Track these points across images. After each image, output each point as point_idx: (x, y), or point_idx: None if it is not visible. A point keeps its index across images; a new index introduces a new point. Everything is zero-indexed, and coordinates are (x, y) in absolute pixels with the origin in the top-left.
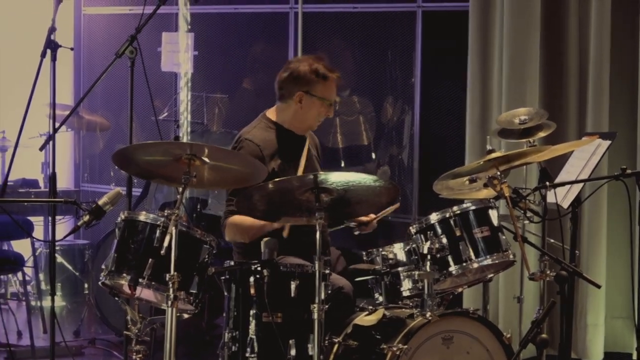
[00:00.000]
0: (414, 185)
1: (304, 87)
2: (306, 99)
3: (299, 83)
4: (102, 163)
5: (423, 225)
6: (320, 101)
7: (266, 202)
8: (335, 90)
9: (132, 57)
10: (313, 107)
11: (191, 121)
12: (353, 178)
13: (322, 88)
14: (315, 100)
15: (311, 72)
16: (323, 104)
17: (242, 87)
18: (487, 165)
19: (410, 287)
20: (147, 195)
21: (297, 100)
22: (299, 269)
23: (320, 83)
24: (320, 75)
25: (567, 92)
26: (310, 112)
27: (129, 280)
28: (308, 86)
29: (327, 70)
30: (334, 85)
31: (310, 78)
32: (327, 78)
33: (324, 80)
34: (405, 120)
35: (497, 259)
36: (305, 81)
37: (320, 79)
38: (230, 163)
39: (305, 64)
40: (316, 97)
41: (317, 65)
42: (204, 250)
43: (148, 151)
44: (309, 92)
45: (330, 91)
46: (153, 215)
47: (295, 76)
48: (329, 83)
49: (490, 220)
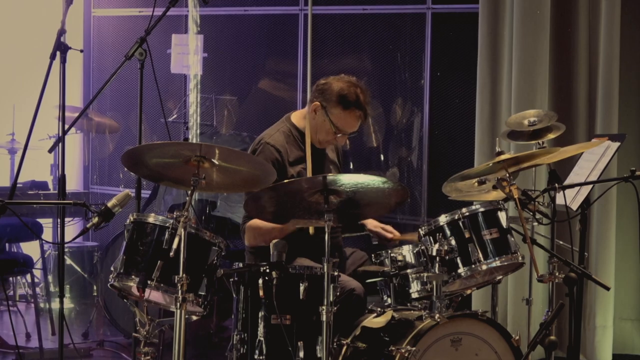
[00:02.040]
0: (423, 187)
1: (324, 101)
2: (320, 113)
3: (323, 95)
4: (111, 165)
5: (432, 227)
6: (331, 125)
7: (275, 203)
8: (354, 125)
9: (142, 59)
10: (323, 126)
11: (201, 123)
12: (362, 180)
13: (339, 114)
14: (327, 121)
15: (338, 93)
16: (331, 130)
17: (255, 88)
18: (496, 167)
19: (419, 289)
20: (156, 198)
21: (313, 108)
22: (308, 270)
23: (338, 108)
24: (343, 101)
25: (577, 94)
26: (320, 127)
27: (137, 282)
28: (327, 103)
29: (354, 102)
30: (352, 119)
31: (333, 98)
32: (348, 108)
33: (344, 109)
34: (414, 122)
35: (506, 260)
36: (328, 97)
37: (341, 105)
38: (240, 165)
39: (340, 84)
40: (328, 119)
41: (348, 92)
42: (212, 252)
43: (157, 152)
44: (325, 109)
45: (344, 121)
46: (162, 217)
47: (325, 88)
48: (348, 114)
49: (500, 222)
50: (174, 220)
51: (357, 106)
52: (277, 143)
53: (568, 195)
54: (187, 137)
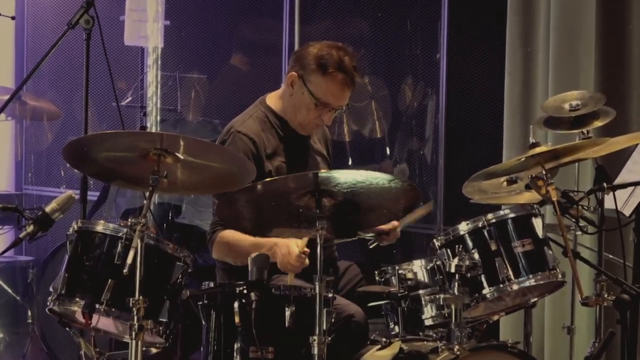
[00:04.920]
0: (439, 187)
1: (301, 69)
2: (297, 86)
3: (299, 62)
4: (51, 160)
5: (450, 237)
6: (310, 97)
7: (254, 208)
8: (338, 94)
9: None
10: (302, 101)
11: (161, 107)
12: (363, 178)
13: (318, 81)
14: (306, 93)
15: (316, 57)
16: (312, 103)
17: (229, 66)
18: (529, 163)
19: (433, 315)
20: (107, 201)
21: (290, 82)
22: (296, 291)
23: (317, 74)
24: (321, 65)
25: (630, 72)
26: (299, 104)
27: (83, 306)
28: (304, 70)
29: (334, 64)
30: (334, 86)
31: (311, 63)
32: (326, 72)
33: (323, 74)
34: (427, 107)
35: (542, 279)
36: (305, 63)
37: (320, 69)
38: (211, 160)
39: (319, 46)
40: (307, 89)
41: (328, 53)
42: (176, 268)
43: (108, 144)
44: (302, 78)
45: (325, 89)
46: (113, 225)
47: (301, 54)
48: (328, 79)
49: (534, 230)
50: (128, 228)
51: (339, 68)
52: (250, 131)
53: (619, 197)
54: (144, 125)
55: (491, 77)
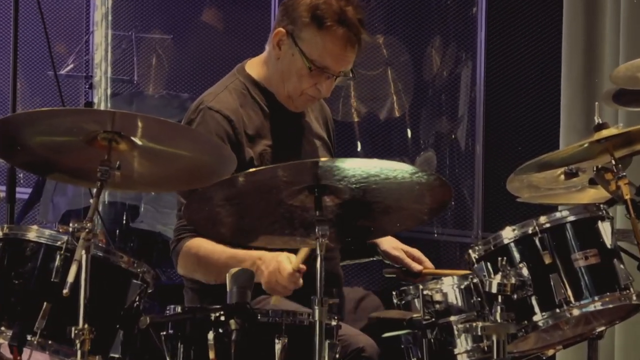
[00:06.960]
0: (476, 183)
1: (290, 24)
2: (286, 46)
3: (289, 16)
4: None
5: (491, 247)
6: (303, 60)
7: (234, 209)
8: (339, 54)
9: None
10: (292, 65)
11: (112, 77)
12: (377, 169)
13: (312, 38)
14: (297, 54)
15: (310, 7)
16: (304, 67)
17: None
18: (594, 150)
19: (469, 348)
20: (41, 200)
21: (276, 41)
22: (289, 318)
23: (311, 29)
24: (317, 17)
25: None
26: (289, 68)
27: (10, 337)
28: (295, 25)
29: (334, 16)
30: (334, 44)
31: (302, 15)
32: (323, 25)
33: (318, 29)
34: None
35: (611, 301)
36: (295, 16)
37: (314, 23)
38: (178, 146)
39: None
40: (298, 49)
41: (325, 2)
42: (133, 287)
43: (42, 126)
44: (292, 35)
45: (322, 49)
46: (50, 232)
47: (289, 5)
48: (326, 35)
49: (601, 238)
50: (69, 236)
51: (339, 21)
52: (225, 107)
53: None
54: (90, 100)
55: (544, 38)
